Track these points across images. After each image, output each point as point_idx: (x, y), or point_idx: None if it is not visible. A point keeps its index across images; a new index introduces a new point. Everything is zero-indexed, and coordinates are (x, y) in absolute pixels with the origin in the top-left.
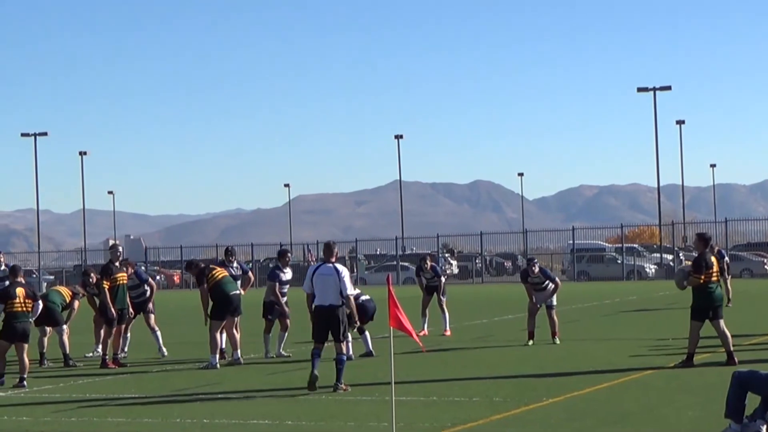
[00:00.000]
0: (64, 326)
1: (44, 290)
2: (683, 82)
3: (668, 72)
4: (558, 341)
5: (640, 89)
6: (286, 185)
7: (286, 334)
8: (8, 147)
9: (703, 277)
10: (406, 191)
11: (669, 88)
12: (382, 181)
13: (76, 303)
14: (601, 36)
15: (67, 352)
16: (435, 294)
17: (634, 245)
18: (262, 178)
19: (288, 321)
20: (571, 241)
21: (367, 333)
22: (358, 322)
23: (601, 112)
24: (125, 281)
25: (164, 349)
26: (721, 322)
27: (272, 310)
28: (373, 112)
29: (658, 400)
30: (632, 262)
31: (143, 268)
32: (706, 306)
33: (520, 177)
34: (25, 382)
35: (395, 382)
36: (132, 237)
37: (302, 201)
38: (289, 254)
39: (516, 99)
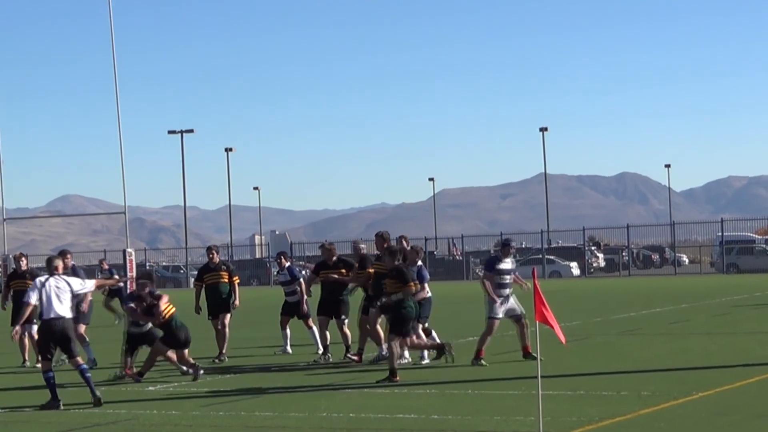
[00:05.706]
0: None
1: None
2: None
3: None
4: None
5: None
6: (431, 179)
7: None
8: (156, 144)
9: None
10: (552, 184)
11: None
12: (528, 173)
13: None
14: (747, 22)
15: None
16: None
17: None
18: (407, 173)
19: None
20: (720, 233)
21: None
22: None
23: (750, 101)
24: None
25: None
26: None
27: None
28: (518, 104)
29: None
30: None
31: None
32: None
33: (667, 168)
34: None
35: (541, 376)
36: (277, 232)
37: (447, 195)
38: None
39: (663, 90)
